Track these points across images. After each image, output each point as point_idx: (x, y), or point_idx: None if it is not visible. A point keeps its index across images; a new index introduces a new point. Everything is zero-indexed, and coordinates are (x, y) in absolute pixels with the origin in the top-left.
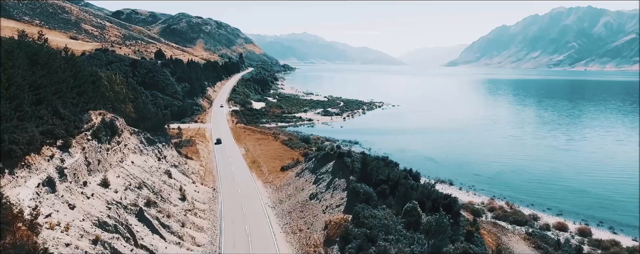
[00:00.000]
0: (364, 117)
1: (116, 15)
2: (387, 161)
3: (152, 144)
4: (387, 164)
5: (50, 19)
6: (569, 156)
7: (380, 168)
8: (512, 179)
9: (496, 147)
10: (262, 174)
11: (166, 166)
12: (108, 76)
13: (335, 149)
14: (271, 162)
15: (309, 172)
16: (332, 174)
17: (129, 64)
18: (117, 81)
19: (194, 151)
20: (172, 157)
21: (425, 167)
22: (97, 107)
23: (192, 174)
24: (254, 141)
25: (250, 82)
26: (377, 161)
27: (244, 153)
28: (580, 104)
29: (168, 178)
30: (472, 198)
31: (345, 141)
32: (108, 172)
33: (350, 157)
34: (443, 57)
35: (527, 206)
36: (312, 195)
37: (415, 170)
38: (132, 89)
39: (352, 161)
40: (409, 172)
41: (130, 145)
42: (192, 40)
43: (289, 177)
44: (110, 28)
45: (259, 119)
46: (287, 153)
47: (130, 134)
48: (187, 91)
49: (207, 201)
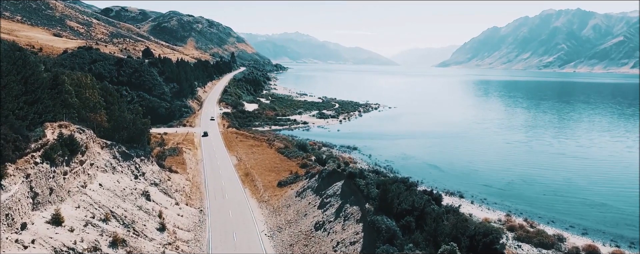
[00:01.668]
0: (361, 120)
1: (105, 13)
2: (409, 184)
3: (128, 159)
4: (408, 187)
5: (33, 15)
6: (581, 164)
7: (402, 194)
8: (525, 191)
9: (503, 154)
10: (257, 191)
11: (144, 185)
12: (77, 78)
13: (342, 166)
14: (266, 175)
15: (312, 192)
16: (341, 198)
17: (114, 63)
18: (88, 85)
19: (180, 161)
20: (152, 173)
21: (431, 176)
22: (58, 117)
23: (175, 193)
24: (246, 149)
25: (242, 82)
26: (397, 185)
27: (235, 163)
28: (579, 107)
29: (145, 201)
30: (486, 214)
31: (344, 146)
32: (64, 202)
33: (363, 178)
34: (434, 57)
35: (547, 224)
36: (317, 224)
37: (420, 180)
38: (108, 93)
39: (367, 184)
40: (430, 194)
41: (99, 162)
42: (182, 38)
43: (288, 196)
44: (97, 25)
45: (252, 122)
46: (284, 163)
47: (101, 148)
48: (176, 92)
49: (192, 227)
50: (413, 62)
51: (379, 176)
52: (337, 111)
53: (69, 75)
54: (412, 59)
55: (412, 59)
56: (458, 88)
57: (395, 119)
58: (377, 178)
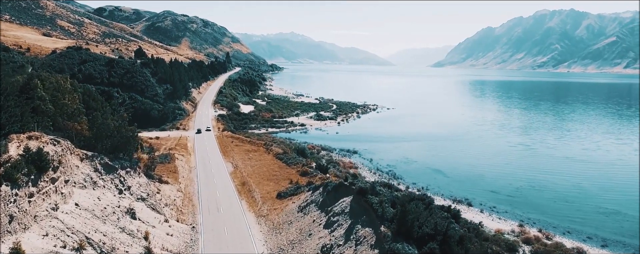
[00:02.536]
0: (359, 122)
1: (98, 13)
2: (428, 201)
3: (111, 172)
4: (428, 206)
5: (22, 14)
6: (589, 168)
7: (422, 215)
8: (535, 198)
9: (507, 158)
10: (255, 203)
11: (129, 201)
12: (55, 82)
13: (349, 179)
14: (265, 185)
15: (316, 207)
16: (350, 217)
17: (105, 63)
18: (67, 89)
19: (171, 169)
20: (139, 186)
21: (436, 182)
22: (28, 127)
23: (165, 208)
24: (243, 154)
25: (238, 83)
26: (415, 204)
27: (231, 171)
28: (579, 108)
29: (130, 221)
30: (498, 224)
31: (343, 150)
32: (29, 230)
33: (375, 194)
34: (430, 57)
35: (564, 234)
36: (325, 248)
37: (425, 187)
38: (91, 97)
39: (380, 202)
40: (448, 210)
41: (77, 177)
42: (177, 38)
43: (289, 211)
44: (89, 25)
45: (248, 124)
46: (283, 171)
47: (81, 160)
48: (169, 93)
49: (183, 248)
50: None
51: (392, 190)
52: (334, 113)
53: (45, 78)
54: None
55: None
56: (455, 88)
57: (394, 120)
58: (391, 193)
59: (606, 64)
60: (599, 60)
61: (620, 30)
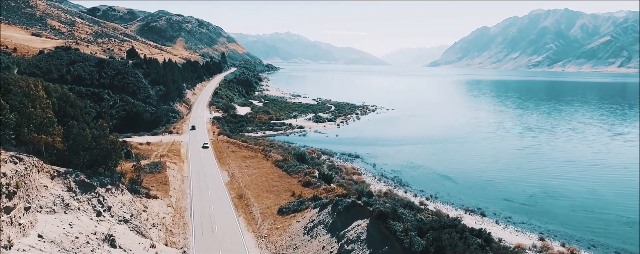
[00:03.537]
0: (359, 123)
1: (91, 12)
2: (459, 228)
3: (88, 191)
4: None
5: (10, 14)
6: (603, 173)
7: (458, 247)
8: (551, 207)
9: (516, 162)
10: (253, 220)
11: (109, 224)
12: (25, 86)
13: (364, 195)
14: (264, 198)
15: (326, 230)
16: (368, 247)
17: (95, 64)
18: (37, 95)
19: (162, 180)
20: (121, 206)
21: (445, 190)
22: None
23: (152, 229)
24: (240, 161)
25: (234, 84)
26: (448, 233)
27: (227, 181)
28: (581, 108)
29: (109, 250)
30: (517, 237)
31: (345, 154)
32: None
33: (399, 220)
34: (425, 57)
35: (588, 249)
36: None
37: (434, 195)
38: (69, 104)
39: (405, 230)
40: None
41: (44, 200)
42: (171, 38)
43: (293, 232)
44: (80, 25)
45: (245, 127)
46: (283, 181)
47: (52, 178)
48: (162, 95)
49: None
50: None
51: (413, 210)
52: (333, 114)
53: (13, 83)
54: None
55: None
56: (452, 88)
57: (394, 122)
58: (414, 216)
59: (600, 63)
60: (594, 60)
61: (614, 30)
